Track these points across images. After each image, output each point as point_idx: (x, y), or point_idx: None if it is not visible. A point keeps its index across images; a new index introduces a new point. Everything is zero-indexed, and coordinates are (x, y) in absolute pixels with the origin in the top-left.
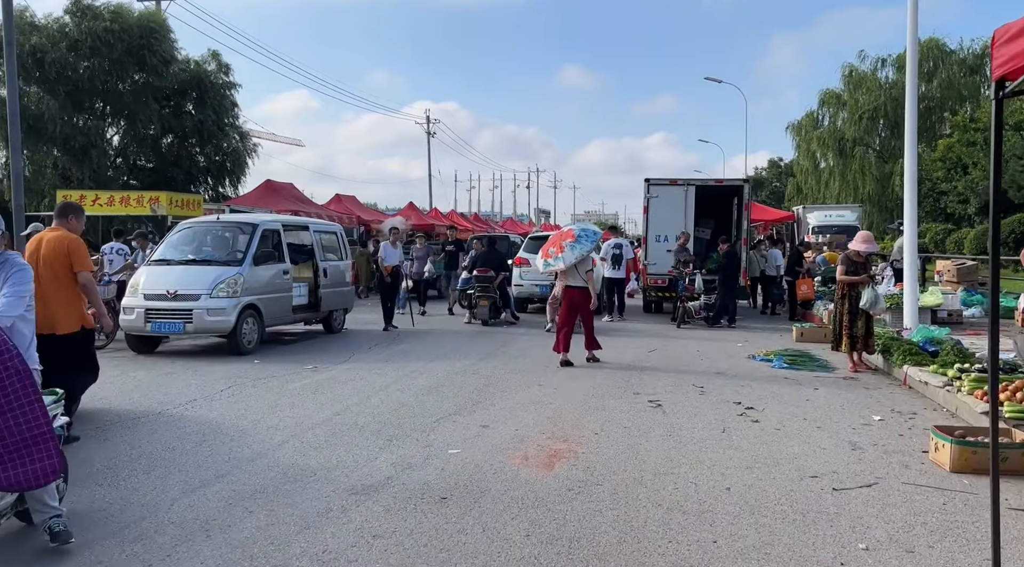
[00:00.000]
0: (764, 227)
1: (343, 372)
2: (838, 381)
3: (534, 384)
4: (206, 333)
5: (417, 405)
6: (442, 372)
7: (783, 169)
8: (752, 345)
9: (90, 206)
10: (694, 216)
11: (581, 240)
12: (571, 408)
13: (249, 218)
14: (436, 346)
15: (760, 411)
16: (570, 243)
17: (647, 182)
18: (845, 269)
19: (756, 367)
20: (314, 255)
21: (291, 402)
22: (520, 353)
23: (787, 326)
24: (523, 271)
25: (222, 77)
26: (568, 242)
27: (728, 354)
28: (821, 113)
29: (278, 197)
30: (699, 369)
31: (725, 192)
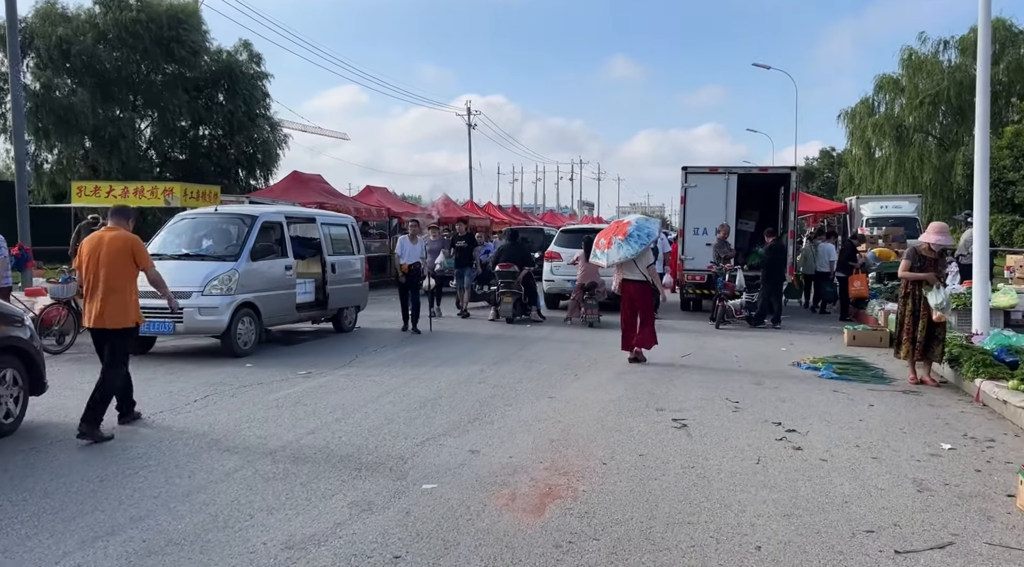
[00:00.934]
0: (814, 219)
1: (337, 379)
2: (897, 396)
3: (544, 396)
4: (198, 333)
5: (405, 422)
6: (446, 380)
7: (835, 159)
8: (797, 349)
9: (104, 197)
10: (736, 207)
11: (631, 239)
12: (581, 428)
13: (249, 209)
14: (447, 349)
15: (803, 435)
16: (620, 241)
17: (684, 170)
18: (910, 264)
19: (801, 377)
20: (321, 250)
21: (265, 417)
22: (537, 357)
23: (838, 328)
24: (554, 266)
25: (253, 67)
26: (619, 239)
27: (770, 360)
28: (877, 99)
29: (305, 189)
30: (735, 379)
31: (770, 181)
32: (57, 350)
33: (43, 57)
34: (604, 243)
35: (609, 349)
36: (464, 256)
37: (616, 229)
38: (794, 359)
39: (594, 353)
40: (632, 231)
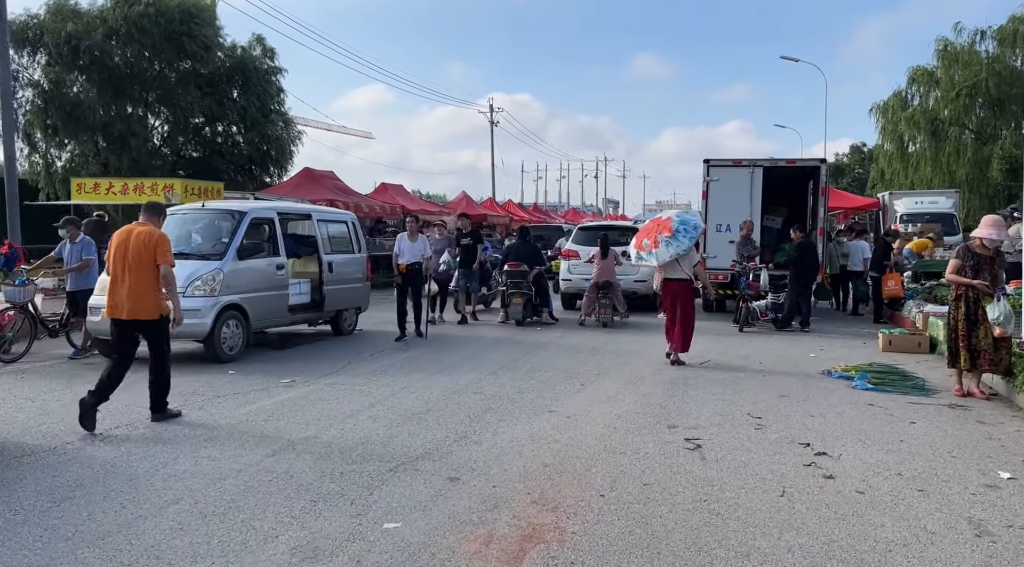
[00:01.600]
0: (844, 215)
1: (321, 389)
2: (941, 411)
3: (545, 410)
4: (178, 338)
5: (382, 442)
6: (439, 390)
7: (866, 155)
8: (828, 356)
9: (104, 194)
10: (762, 202)
11: (679, 235)
12: (580, 449)
13: (238, 205)
14: (448, 354)
15: (836, 459)
16: (666, 238)
17: (706, 164)
18: (961, 263)
19: (832, 387)
20: (318, 248)
21: (229, 434)
22: (544, 364)
23: (871, 331)
24: (572, 264)
25: (267, 62)
26: (665, 236)
27: (798, 368)
28: (910, 92)
29: (316, 186)
30: (758, 389)
31: (798, 175)
32: (7, 359)
33: (53, 54)
34: (649, 243)
35: (622, 355)
36: (468, 256)
37: (658, 227)
38: (824, 367)
39: (605, 359)
40: (677, 227)
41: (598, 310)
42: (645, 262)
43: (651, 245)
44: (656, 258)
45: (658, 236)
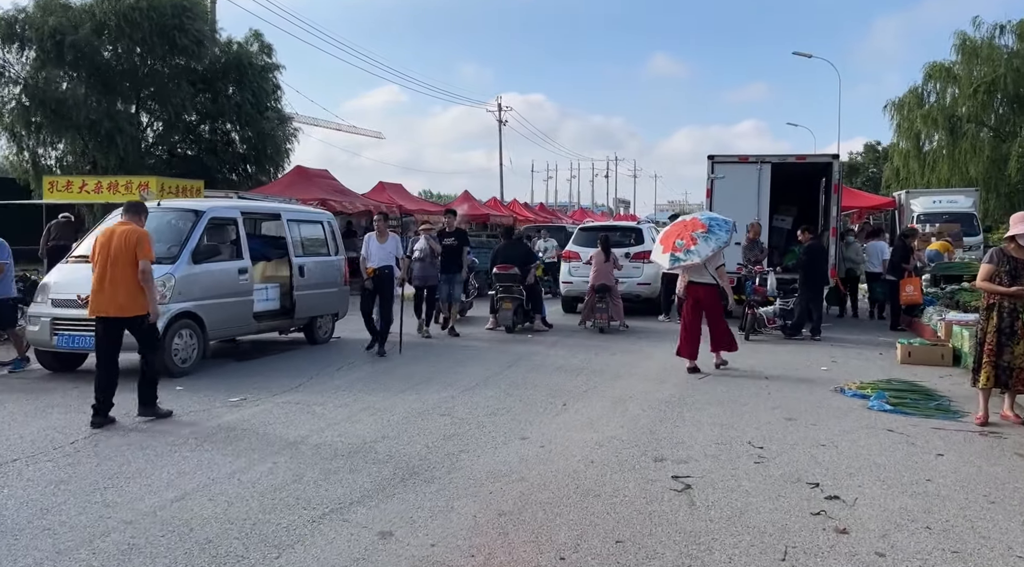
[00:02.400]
0: (859, 215)
1: (270, 410)
2: (972, 439)
3: (516, 436)
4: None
5: (317, 481)
6: (402, 412)
7: (880, 154)
8: (841, 369)
9: (76, 193)
10: (770, 201)
11: (714, 230)
12: (547, 491)
13: (196, 204)
14: (425, 366)
15: (850, 505)
16: (702, 233)
17: (711, 160)
18: (993, 270)
19: (846, 408)
20: (288, 251)
21: (140, 469)
22: (525, 379)
23: (888, 339)
24: (572, 266)
25: (264, 58)
26: (700, 232)
27: (807, 383)
28: (927, 88)
29: (309, 185)
30: (762, 411)
31: (809, 171)
32: None
33: (37, 49)
34: (685, 242)
35: (615, 368)
36: (452, 259)
37: (688, 226)
38: (837, 382)
39: (595, 373)
40: (708, 222)
41: (595, 315)
42: (685, 262)
43: (688, 243)
44: (697, 255)
45: (692, 233)
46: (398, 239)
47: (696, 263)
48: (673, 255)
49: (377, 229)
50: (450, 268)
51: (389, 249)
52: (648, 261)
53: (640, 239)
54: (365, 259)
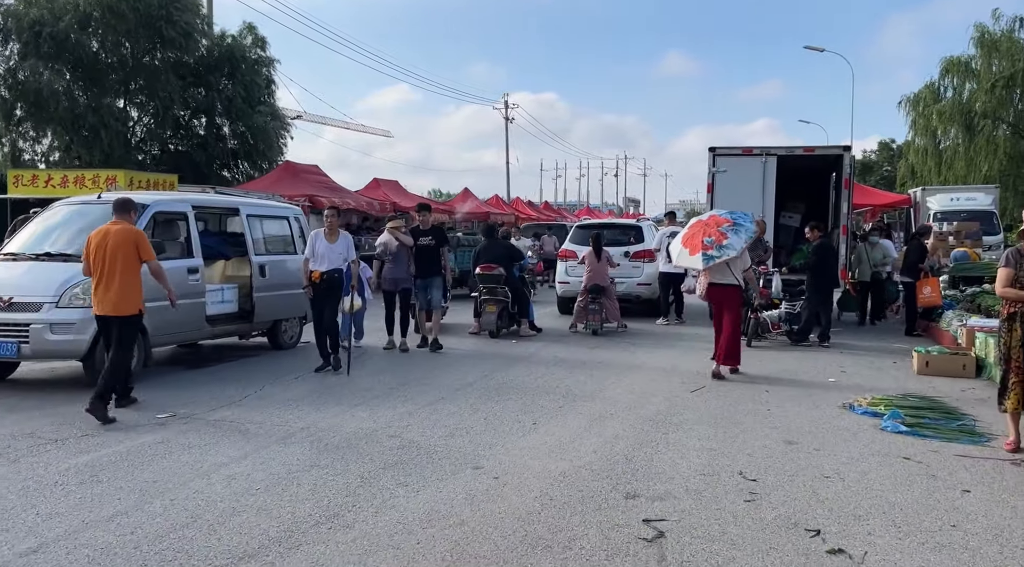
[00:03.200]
0: (872, 213)
1: (197, 429)
2: (1002, 469)
3: (469, 464)
4: (50, 357)
5: (211, 525)
6: (347, 433)
7: (895, 152)
8: (851, 380)
9: (42, 188)
10: (775, 197)
11: (740, 222)
12: (488, 542)
13: (140, 196)
14: (391, 376)
15: (858, 563)
16: (729, 227)
17: (712, 153)
18: (1012, 274)
19: (855, 429)
20: (248, 249)
21: (6, 508)
22: (498, 391)
23: (904, 346)
24: (569, 266)
25: (258, 52)
26: (727, 227)
27: (812, 397)
28: (943, 84)
29: (297, 181)
30: (759, 431)
31: (818, 165)
32: None
33: (19, 41)
34: (714, 239)
35: (600, 378)
36: (429, 261)
37: (707, 225)
38: (846, 397)
39: (577, 384)
40: (736, 219)
41: (587, 317)
42: (721, 258)
43: (717, 239)
44: (732, 249)
45: (719, 229)
46: (351, 239)
47: (733, 257)
48: (706, 254)
49: (327, 225)
50: (428, 271)
51: (339, 250)
52: (648, 260)
53: (640, 237)
54: (309, 260)
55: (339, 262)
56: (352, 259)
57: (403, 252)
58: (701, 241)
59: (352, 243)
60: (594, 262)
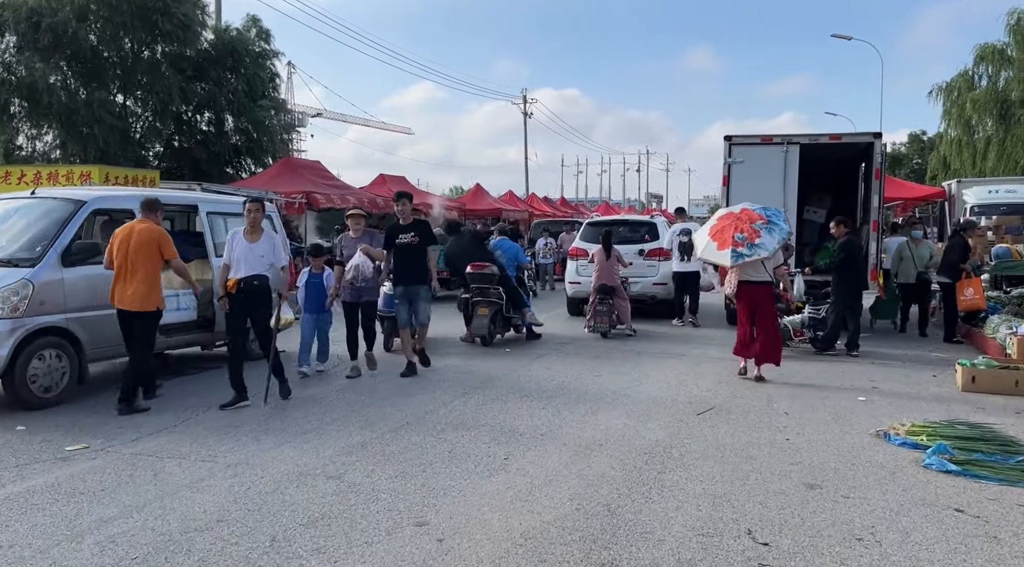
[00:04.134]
0: (903, 207)
1: (103, 467)
2: None
3: (412, 520)
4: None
5: None
6: (276, 473)
7: (925, 144)
8: (885, 400)
9: (15, 184)
10: (798, 190)
11: (775, 220)
12: None
13: (78, 192)
14: (354, 396)
15: None
16: (763, 225)
17: (728, 141)
18: None
19: (892, 464)
20: (207, 251)
21: None
22: (475, 416)
23: (944, 356)
24: (580, 265)
25: (262, 45)
26: (760, 224)
27: (839, 421)
28: (977, 71)
29: (295, 177)
30: (775, 469)
31: (846, 154)
32: None
33: (16, 34)
34: (746, 235)
35: (598, 395)
36: (411, 264)
37: (739, 220)
38: (880, 423)
39: (570, 404)
40: (765, 212)
41: (596, 318)
42: (751, 257)
43: (749, 236)
44: (765, 249)
45: (752, 226)
46: (277, 239)
47: (766, 256)
48: (735, 251)
49: (248, 222)
50: (411, 277)
51: (261, 252)
52: (664, 259)
53: (655, 234)
54: (225, 264)
55: (261, 267)
56: (281, 263)
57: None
58: (732, 236)
59: (279, 244)
60: (603, 261)
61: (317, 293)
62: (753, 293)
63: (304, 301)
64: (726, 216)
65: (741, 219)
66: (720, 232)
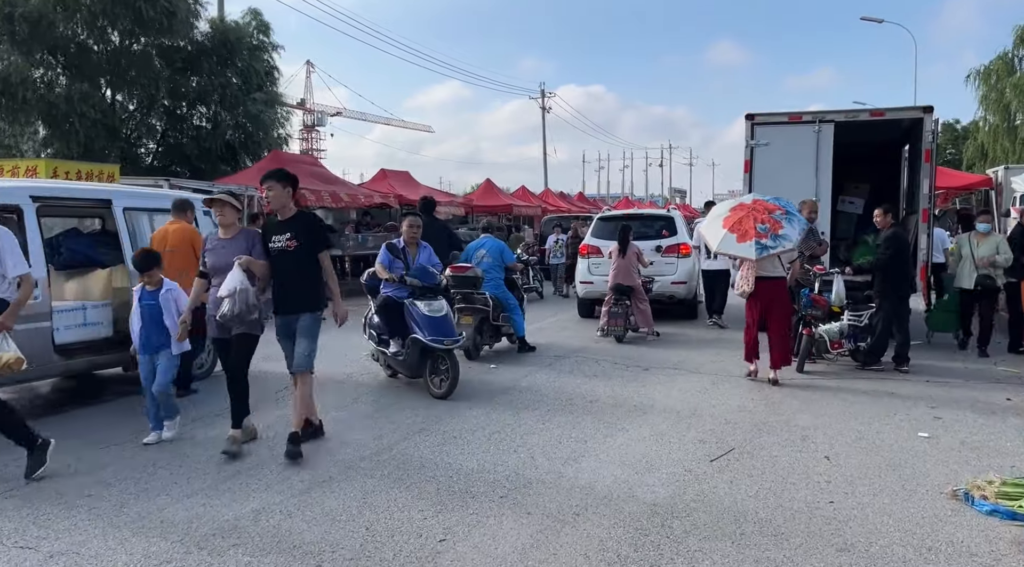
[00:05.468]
0: (944, 197)
1: None
2: None
3: None
4: None
5: None
6: (162, 552)
7: (960, 133)
8: (953, 435)
9: None
10: (832, 176)
11: (791, 211)
12: None
13: None
14: (233, 465)
15: None
16: (783, 216)
17: (749, 121)
18: None
19: (984, 551)
20: (123, 255)
21: None
22: (416, 468)
23: (1016, 371)
24: (592, 263)
25: (260, 38)
26: (779, 215)
27: (898, 474)
28: (1018, 54)
29: None
30: (813, 550)
31: (889, 133)
32: None
33: None
34: (768, 227)
35: (581, 435)
36: (290, 276)
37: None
38: (954, 476)
39: (546, 448)
40: (780, 204)
41: (608, 321)
42: (776, 249)
43: (773, 227)
44: (789, 240)
45: (773, 216)
46: None
47: (790, 248)
48: (759, 243)
49: None
50: (285, 301)
51: None
52: (683, 255)
53: (673, 229)
54: None
55: None
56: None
57: None
58: (753, 228)
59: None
60: (618, 258)
61: (154, 322)
62: (770, 290)
63: (137, 334)
64: (740, 207)
65: (757, 209)
66: (739, 223)
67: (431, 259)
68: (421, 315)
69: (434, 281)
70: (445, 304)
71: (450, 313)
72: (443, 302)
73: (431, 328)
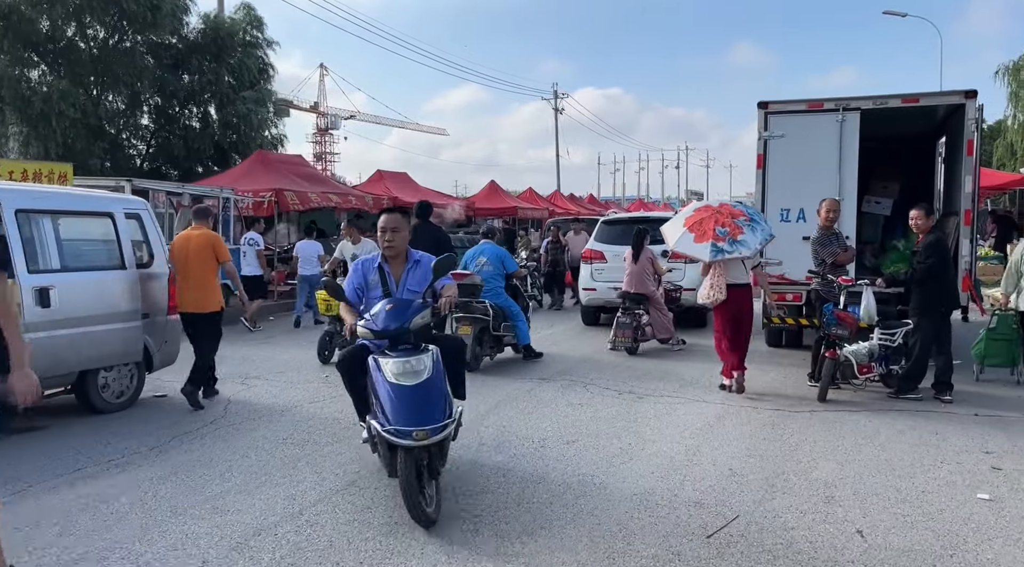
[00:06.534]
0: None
1: None
2: None
3: None
4: None
5: None
6: None
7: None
8: (1018, 495)
9: None
10: (858, 171)
11: (756, 220)
12: None
13: None
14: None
15: None
16: (746, 222)
17: (763, 110)
18: None
19: None
20: (12, 263)
21: None
22: (362, 519)
23: None
24: (595, 269)
25: (253, 34)
26: (743, 220)
27: (956, 554)
28: None
29: (269, 173)
30: None
31: (920, 125)
32: None
33: None
34: (728, 231)
35: (548, 494)
36: None
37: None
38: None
39: (496, 513)
40: (746, 210)
41: (616, 333)
42: (731, 254)
43: (732, 232)
44: (746, 247)
45: (735, 221)
46: None
47: (746, 255)
48: (715, 245)
49: None
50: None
51: None
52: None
53: None
54: None
55: None
56: None
57: None
58: (712, 229)
59: None
60: (631, 264)
61: None
62: (738, 297)
63: None
64: (704, 208)
65: (722, 213)
66: (699, 224)
67: (426, 279)
68: (383, 383)
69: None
70: (428, 361)
71: (440, 374)
72: (426, 357)
73: (397, 406)
